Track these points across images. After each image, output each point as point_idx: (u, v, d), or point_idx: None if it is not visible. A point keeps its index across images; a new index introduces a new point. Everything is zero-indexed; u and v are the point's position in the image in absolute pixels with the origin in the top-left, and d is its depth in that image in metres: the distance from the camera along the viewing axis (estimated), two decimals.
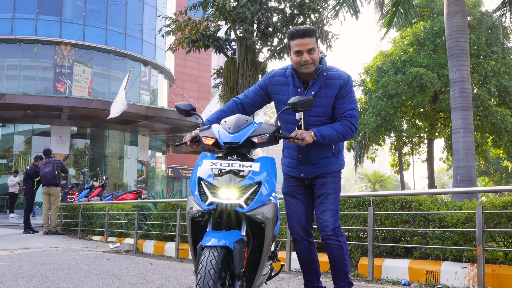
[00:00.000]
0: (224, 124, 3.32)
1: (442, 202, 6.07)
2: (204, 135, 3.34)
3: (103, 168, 29.19)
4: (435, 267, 5.68)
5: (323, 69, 3.62)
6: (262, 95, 3.80)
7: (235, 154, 3.24)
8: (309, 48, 3.48)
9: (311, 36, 3.49)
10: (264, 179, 3.10)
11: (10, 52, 27.98)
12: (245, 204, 2.98)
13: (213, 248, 2.83)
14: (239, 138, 3.22)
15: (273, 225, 3.20)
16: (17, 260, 7.49)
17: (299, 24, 14.30)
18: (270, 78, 3.76)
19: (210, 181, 3.06)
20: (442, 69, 22.44)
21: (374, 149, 29.44)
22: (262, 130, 3.29)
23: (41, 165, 13.34)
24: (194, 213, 3.05)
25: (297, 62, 3.54)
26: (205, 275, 2.74)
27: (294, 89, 3.64)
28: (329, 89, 3.60)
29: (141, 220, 10.18)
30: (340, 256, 3.71)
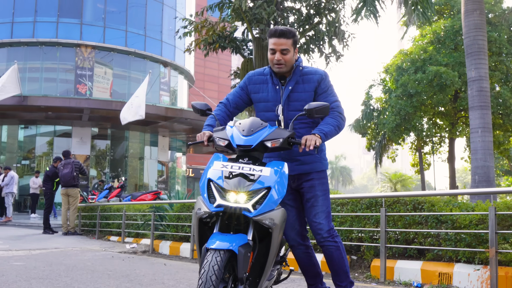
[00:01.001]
0: (238, 126, 3.31)
1: (455, 203, 6.00)
2: (218, 136, 3.34)
3: (124, 169, 29.44)
4: (448, 269, 5.61)
5: (299, 65, 3.70)
6: (242, 97, 3.83)
7: (247, 157, 3.22)
8: (282, 48, 3.55)
9: (287, 38, 3.56)
10: (274, 184, 3.07)
11: (32, 55, 28.40)
12: (253, 208, 2.97)
13: (216, 252, 2.82)
14: (252, 142, 3.20)
15: (281, 231, 3.17)
16: (34, 261, 7.60)
17: (315, 24, 14.27)
18: (249, 78, 3.82)
19: (219, 183, 3.05)
20: (462, 68, 22.14)
21: (394, 148, 29.19)
22: (276, 134, 3.27)
23: (60, 167, 13.53)
24: (202, 214, 3.06)
25: (270, 60, 3.62)
26: (207, 281, 2.74)
27: (273, 86, 3.70)
28: (307, 84, 3.66)
29: (157, 221, 10.25)
30: (339, 257, 3.67)
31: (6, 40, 28.21)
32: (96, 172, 29.23)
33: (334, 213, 6.96)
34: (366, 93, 27.91)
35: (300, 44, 14.85)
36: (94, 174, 29.10)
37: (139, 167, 30.53)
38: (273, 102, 3.66)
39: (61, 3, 28.63)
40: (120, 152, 29.88)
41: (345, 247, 6.91)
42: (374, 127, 27.61)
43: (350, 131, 29.94)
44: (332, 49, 14.78)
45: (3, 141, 28.63)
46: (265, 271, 3.15)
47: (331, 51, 14.85)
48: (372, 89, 27.75)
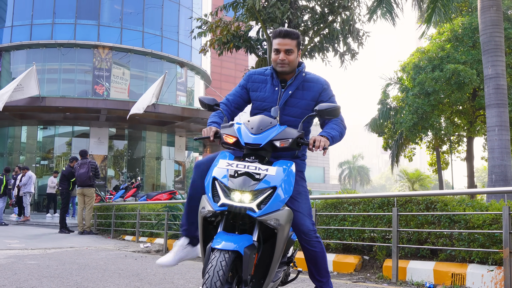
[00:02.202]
0: (247, 123, 3.24)
1: (469, 203, 5.90)
2: (226, 133, 3.27)
3: (141, 169, 29.63)
4: (461, 269, 5.53)
5: (302, 70, 3.66)
6: (243, 95, 3.79)
7: (254, 156, 3.17)
8: (287, 48, 3.54)
9: (292, 39, 3.55)
10: (280, 184, 3.01)
11: (50, 56, 28.71)
12: (257, 208, 2.90)
13: (221, 255, 2.78)
14: (261, 140, 3.14)
15: (287, 231, 3.11)
16: (48, 259, 7.66)
17: (329, 22, 14.19)
18: (249, 76, 3.81)
19: (224, 182, 2.99)
20: (481, 66, 21.76)
21: (412, 148, 28.92)
22: (286, 134, 3.21)
23: (77, 166, 13.65)
24: (206, 213, 3.00)
25: (274, 60, 3.59)
26: (213, 275, 2.71)
27: (272, 87, 3.67)
28: (307, 91, 3.63)
29: (170, 221, 10.28)
30: (322, 254, 3.60)
31: (25, 42, 28.56)
32: (114, 172, 29.46)
33: (346, 212, 6.91)
34: (382, 92, 27.70)
35: (315, 43, 14.78)
36: (112, 174, 29.33)
37: (156, 167, 30.69)
38: (268, 103, 3.62)
39: (79, 5, 28.90)
40: (138, 152, 30.06)
41: (357, 247, 6.91)
42: (391, 126, 27.39)
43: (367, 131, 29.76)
44: (346, 47, 14.68)
45: (23, 141, 29.01)
46: (269, 272, 3.10)
47: (345, 49, 14.74)
48: (388, 87, 27.55)
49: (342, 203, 7.11)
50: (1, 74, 29.36)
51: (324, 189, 67.97)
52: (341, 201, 7.14)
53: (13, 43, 28.80)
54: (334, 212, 7.14)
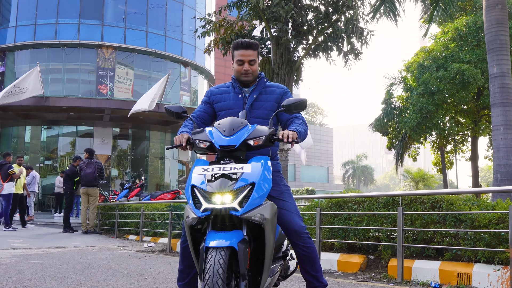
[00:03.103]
0: (218, 127, 3.26)
1: (474, 202, 5.86)
2: (198, 139, 3.28)
3: (145, 169, 29.64)
4: (467, 269, 5.49)
5: (263, 77, 3.89)
6: (207, 110, 3.89)
7: (228, 158, 3.18)
8: (250, 59, 3.71)
9: (253, 49, 3.73)
10: (258, 180, 3.01)
11: (54, 56, 28.72)
12: (239, 206, 2.91)
13: (217, 254, 2.80)
14: (236, 141, 3.16)
15: (274, 225, 3.12)
16: (52, 259, 7.66)
17: (333, 21, 14.15)
18: (210, 91, 3.96)
19: (203, 187, 3.00)
20: (485, 65, 21.72)
21: (416, 147, 28.83)
22: (258, 132, 3.25)
23: (83, 165, 13.60)
24: (191, 222, 3.00)
25: (238, 71, 3.75)
26: (214, 274, 2.71)
27: (235, 95, 3.82)
28: (270, 94, 3.82)
29: (174, 220, 10.26)
30: (315, 249, 3.68)
31: (29, 42, 28.58)
32: (117, 172, 29.48)
33: (351, 212, 6.88)
34: (386, 92, 27.62)
35: (319, 42, 14.73)
36: (116, 174, 29.35)
37: (160, 167, 30.71)
38: (235, 109, 3.72)
39: (83, 5, 28.91)
40: (141, 152, 30.08)
41: (362, 246, 6.88)
42: (395, 126, 27.31)
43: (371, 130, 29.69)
44: (350, 46, 14.63)
45: (27, 141, 29.04)
46: (264, 268, 3.10)
47: (349, 48, 14.69)
48: (393, 87, 27.46)
49: (347, 202, 7.07)
50: (5, 74, 29.40)
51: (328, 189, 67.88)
52: (345, 201, 7.10)
53: (17, 43, 28.82)
54: (338, 211, 7.10)
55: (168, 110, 3.60)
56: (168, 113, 3.62)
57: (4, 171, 13.95)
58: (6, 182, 13.94)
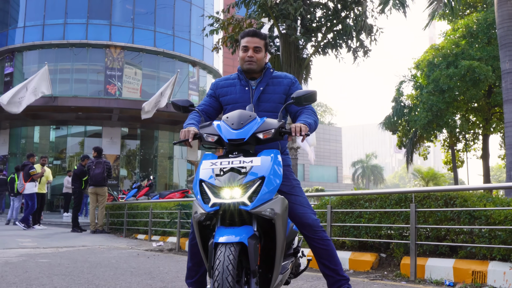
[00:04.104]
0: (226, 120, 3.18)
1: (489, 198, 5.72)
2: (206, 132, 3.20)
3: (154, 169, 29.62)
4: (482, 267, 5.35)
5: (269, 67, 3.77)
6: (212, 104, 3.80)
7: (237, 151, 3.10)
8: (256, 46, 3.62)
9: (260, 38, 3.66)
10: (268, 173, 2.92)
11: (62, 56, 28.75)
12: (249, 201, 2.82)
13: (227, 250, 2.71)
14: (244, 135, 3.08)
15: (285, 220, 3.03)
16: (60, 258, 7.60)
17: (342, 18, 14.02)
18: (216, 84, 3.86)
19: (211, 181, 2.91)
20: (496, 62, 21.51)
21: (426, 146, 28.59)
22: (267, 125, 3.16)
23: (91, 165, 13.57)
24: (199, 217, 2.91)
25: (242, 58, 3.66)
26: (224, 271, 2.63)
27: (242, 88, 3.71)
28: (277, 86, 3.71)
29: (183, 219, 10.18)
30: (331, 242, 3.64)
31: (38, 42, 28.65)
32: (126, 172, 29.48)
33: (362, 209, 6.75)
34: (396, 90, 27.42)
35: (328, 39, 14.61)
36: (125, 174, 29.36)
37: (169, 167, 30.68)
38: (242, 103, 3.61)
39: (91, 5, 28.94)
40: (150, 152, 30.07)
41: (374, 244, 6.75)
42: (405, 124, 27.10)
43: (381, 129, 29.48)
44: (359, 43, 14.49)
45: (36, 141, 29.13)
46: (275, 264, 3.00)
47: (358, 45, 14.56)
48: (402, 85, 27.26)
49: (358, 199, 6.95)
50: (14, 75, 29.50)
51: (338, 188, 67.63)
52: (357, 198, 6.98)
53: (26, 43, 28.91)
54: (350, 209, 6.98)
55: (175, 104, 3.54)
56: (175, 107, 3.55)
57: (26, 171, 14.22)
58: (27, 182, 14.17)
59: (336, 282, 3.57)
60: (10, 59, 29.81)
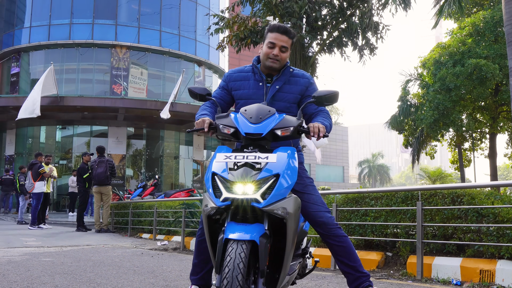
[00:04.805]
0: (244, 113, 3.09)
1: (497, 196, 5.62)
2: (223, 124, 3.11)
3: (160, 168, 29.60)
4: (490, 266, 5.25)
5: (289, 66, 3.63)
6: (224, 97, 3.67)
7: (253, 146, 3.01)
8: (283, 45, 3.48)
9: (289, 37, 3.50)
10: (283, 171, 2.83)
11: (68, 57, 28.81)
12: (261, 198, 2.73)
13: (239, 247, 2.63)
14: (263, 130, 2.99)
15: (297, 220, 2.94)
16: (63, 257, 7.55)
17: (348, 16, 13.92)
18: (229, 76, 3.71)
19: (224, 175, 2.82)
20: (503, 60, 21.34)
21: (433, 145, 28.43)
22: (286, 122, 3.07)
23: (94, 164, 13.57)
24: (209, 211, 2.83)
25: (266, 54, 3.50)
26: (234, 268, 2.55)
27: (255, 82, 3.58)
28: (294, 85, 3.58)
29: (188, 218, 10.12)
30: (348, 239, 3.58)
31: (44, 42, 28.74)
32: (132, 171, 29.48)
33: (368, 207, 6.67)
34: (402, 89, 27.28)
35: (333, 38, 14.52)
36: (131, 173, 29.35)
37: (175, 167, 30.66)
38: (255, 100, 3.47)
39: (97, 5, 28.99)
40: (156, 152, 30.06)
41: (379, 243, 6.66)
42: (411, 123, 26.95)
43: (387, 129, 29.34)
44: (365, 41, 14.39)
45: (42, 141, 29.19)
46: (283, 265, 2.91)
47: (364, 43, 14.45)
48: (408, 84, 27.11)
49: (364, 197, 6.86)
50: (20, 75, 29.57)
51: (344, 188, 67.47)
52: (362, 196, 6.89)
53: (32, 43, 29.00)
54: (355, 207, 6.90)
55: (192, 91, 3.42)
56: (191, 94, 3.43)
57: (35, 170, 14.25)
58: (37, 181, 14.18)
59: (356, 280, 3.49)
60: (16, 59, 29.91)
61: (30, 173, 14.45)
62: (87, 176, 13.97)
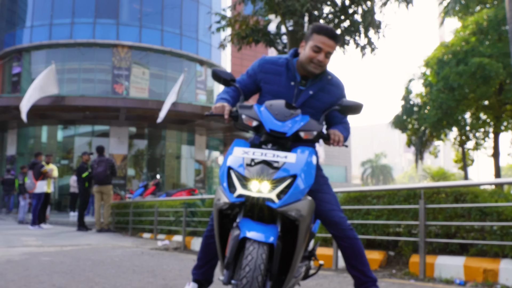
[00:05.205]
0: (269, 108, 3.00)
1: (501, 194, 5.54)
2: (247, 114, 3.02)
3: (162, 168, 29.53)
4: (494, 265, 5.18)
5: (328, 72, 3.44)
6: (248, 86, 3.46)
7: (272, 143, 2.93)
8: (329, 51, 3.27)
9: (336, 42, 3.30)
10: (301, 172, 2.77)
11: (69, 56, 28.75)
12: (277, 198, 2.68)
13: (260, 248, 2.59)
14: (289, 130, 2.92)
15: (309, 223, 2.87)
16: (62, 256, 7.49)
17: (350, 14, 13.83)
18: (261, 65, 3.44)
19: (240, 171, 2.77)
20: (507, 59, 21.19)
21: (436, 144, 28.31)
22: (311, 126, 3.01)
23: (94, 164, 13.52)
24: (222, 205, 2.77)
25: (310, 57, 3.26)
26: (255, 269, 2.50)
27: (287, 81, 3.36)
28: (327, 95, 3.40)
29: (188, 217, 10.05)
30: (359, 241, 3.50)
31: (45, 42, 28.70)
32: (134, 171, 29.42)
33: (370, 206, 6.59)
34: (405, 88, 27.18)
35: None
36: (133, 173, 29.29)
37: (177, 167, 30.59)
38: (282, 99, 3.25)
39: (98, 4, 28.94)
40: (158, 151, 30.00)
41: (382, 242, 6.58)
42: (414, 122, 26.84)
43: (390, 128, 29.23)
44: (367, 40, 14.29)
45: (43, 141, 29.14)
46: (291, 267, 2.84)
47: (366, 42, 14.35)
48: (411, 83, 27.01)
49: (366, 196, 6.78)
50: (22, 75, 29.55)
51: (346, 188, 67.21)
52: (364, 195, 6.81)
53: (33, 43, 28.96)
54: (357, 206, 6.81)
55: (217, 74, 3.23)
56: (214, 77, 3.25)
57: (36, 170, 14.21)
58: (38, 180, 14.15)
59: (362, 284, 3.43)
60: (18, 59, 29.89)
61: (31, 172, 14.39)
62: (86, 175, 13.92)
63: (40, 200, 14.21)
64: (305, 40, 3.33)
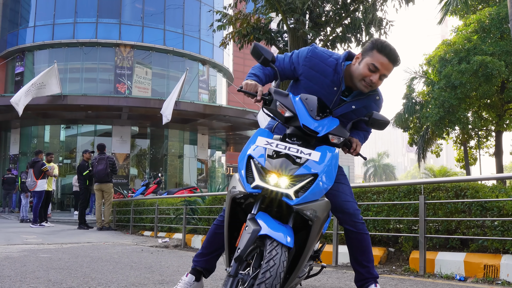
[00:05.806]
0: (304, 101, 2.89)
1: (502, 189, 5.48)
2: (282, 103, 2.89)
3: (164, 168, 29.53)
4: (494, 261, 5.12)
5: (378, 93, 3.25)
6: (286, 71, 3.22)
7: (296, 138, 2.85)
8: (385, 73, 3.05)
9: (395, 65, 3.08)
10: (322, 172, 2.69)
11: (72, 56, 28.80)
12: (294, 196, 2.60)
13: (284, 247, 2.50)
14: (321, 130, 2.84)
15: (322, 225, 2.80)
16: (61, 253, 7.47)
17: (351, 12, 13.77)
18: (310, 59, 3.16)
19: (261, 161, 2.68)
20: (509, 57, 21.14)
21: (439, 143, 28.23)
22: (340, 132, 2.92)
23: (94, 162, 13.52)
24: (236, 193, 2.70)
25: (363, 75, 3.04)
26: (276, 276, 2.41)
27: (331, 85, 3.13)
28: (364, 109, 3.23)
29: (189, 215, 10.02)
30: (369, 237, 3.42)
31: (48, 41, 28.75)
32: (137, 171, 29.42)
33: (370, 202, 6.54)
34: (407, 86, 27.11)
35: (337, 33, 14.38)
36: (135, 173, 29.30)
37: (179, 166, 30.58)
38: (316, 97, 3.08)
39: (100, 4, 28.97)
40: (160, 151, 30.00)
41: (382, 238, 6.53)
42: (416, 121, 26.78)
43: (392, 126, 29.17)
44: (369, 37, 14.24)
45: (46, 141, 29.18)
46: (297, 267, 2.78)
47: (368, 39, 14.29)
48: (413, 82, 26.95)
49: (366, 192, 6.73)
50: (24, 74, 29.59)
51: None
52: (364, 190, 6.76)
53: (36, 43, 29.01)
54: (357, 201, 6.76)
55: (258, 49, 2.99)
56: (253, 53, 3.00)
57: (37, 168, 14.21)
58: (39, 179, 14.14)
59: (363, 280, 3.34)
60: (20, 59, 29.94)
61: (32, 171, 14.39)
62: (87, 173, 13.90)
63: (41, 198, 14.22)
64: (362, 53, 3.09)
